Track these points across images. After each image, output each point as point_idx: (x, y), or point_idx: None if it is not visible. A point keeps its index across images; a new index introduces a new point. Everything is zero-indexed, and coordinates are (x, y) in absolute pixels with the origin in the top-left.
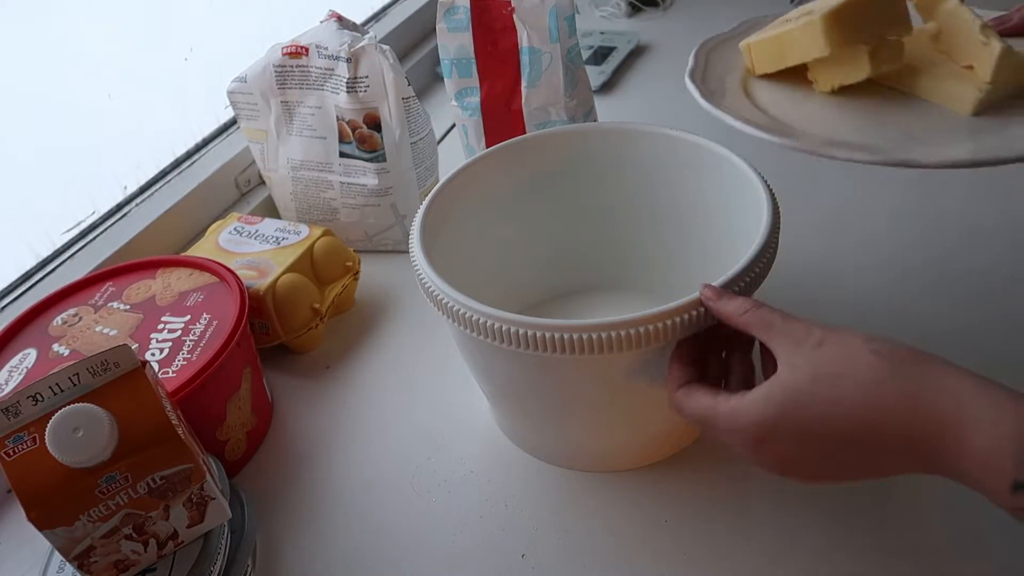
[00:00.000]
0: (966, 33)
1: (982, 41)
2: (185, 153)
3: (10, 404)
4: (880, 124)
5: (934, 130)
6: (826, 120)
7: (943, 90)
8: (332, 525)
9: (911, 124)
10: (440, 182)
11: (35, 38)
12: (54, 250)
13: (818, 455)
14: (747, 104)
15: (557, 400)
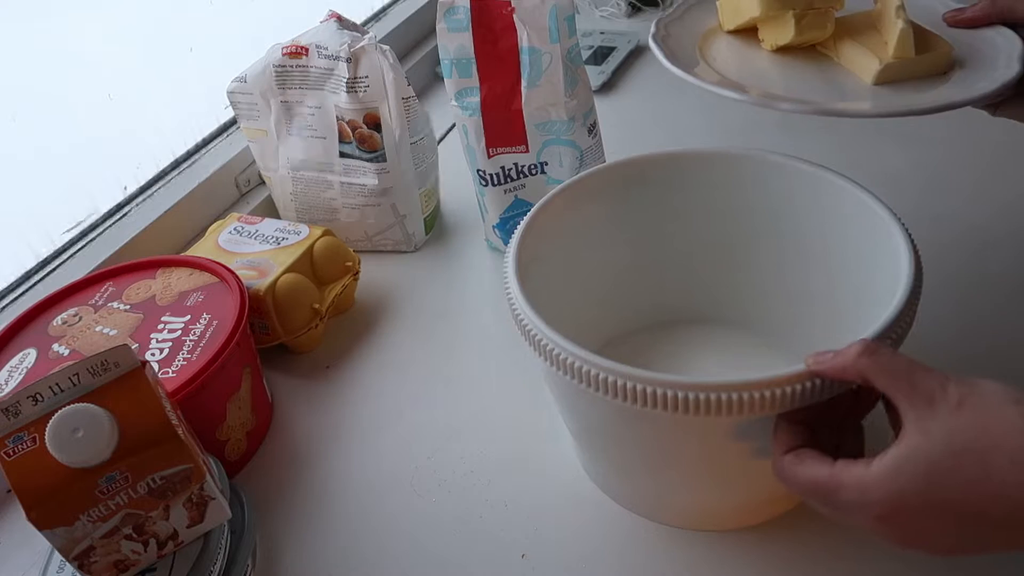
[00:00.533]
0: (888, 10)
1: (893, 19)
2: (185, 153)
3: (10, 404)
4: (796, 79)
5: (833, 90)
6: (761, 75)
7: (854, 58)
8: (332, 525)
9: (820, 81)
10: (540, 202)
11: (35, 38)
12: (54, 250)
13: (957, 531)
14: (698, 58)
15: (642, 449)
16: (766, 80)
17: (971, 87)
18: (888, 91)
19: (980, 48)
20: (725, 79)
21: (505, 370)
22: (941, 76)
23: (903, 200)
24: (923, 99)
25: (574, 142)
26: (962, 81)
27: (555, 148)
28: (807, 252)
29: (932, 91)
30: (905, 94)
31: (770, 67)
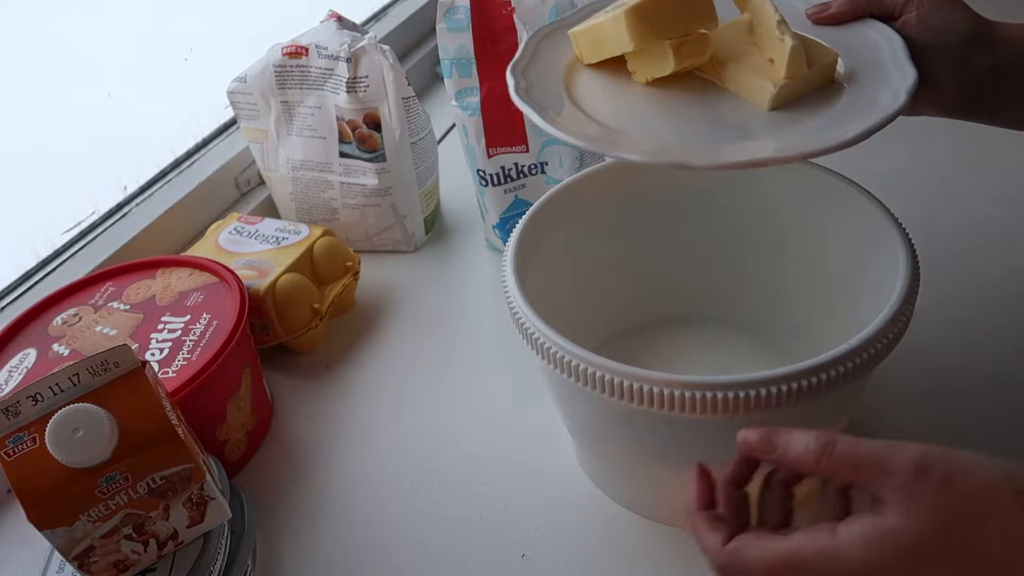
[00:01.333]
0: (768, 27)
1: (778, 37)
2: (185, 153)
3: (10, 404)
4: (686, 118)
5: (729, 126)
6: (643, 117)
7: (744, 83)
8: (332, 525)
9: (712, 118)
10: (539, 201)
11: (35, 38)
12: (54, 250)
13: None
14: (562, 98)
15: (640, 448)
16: (650, 123)
17: (875, 103)
18: (787, 117)
19: (856, 47)
20: (609, 132)
21: (505, 370)
22: (832, 88)
23: (901, 199)
24: (835, 130)
25: None
26: (860, 94)
27: (555, 148)
28: (804, 251)
29: (837, 113)
30: (806, 119)
31: (650, 105)
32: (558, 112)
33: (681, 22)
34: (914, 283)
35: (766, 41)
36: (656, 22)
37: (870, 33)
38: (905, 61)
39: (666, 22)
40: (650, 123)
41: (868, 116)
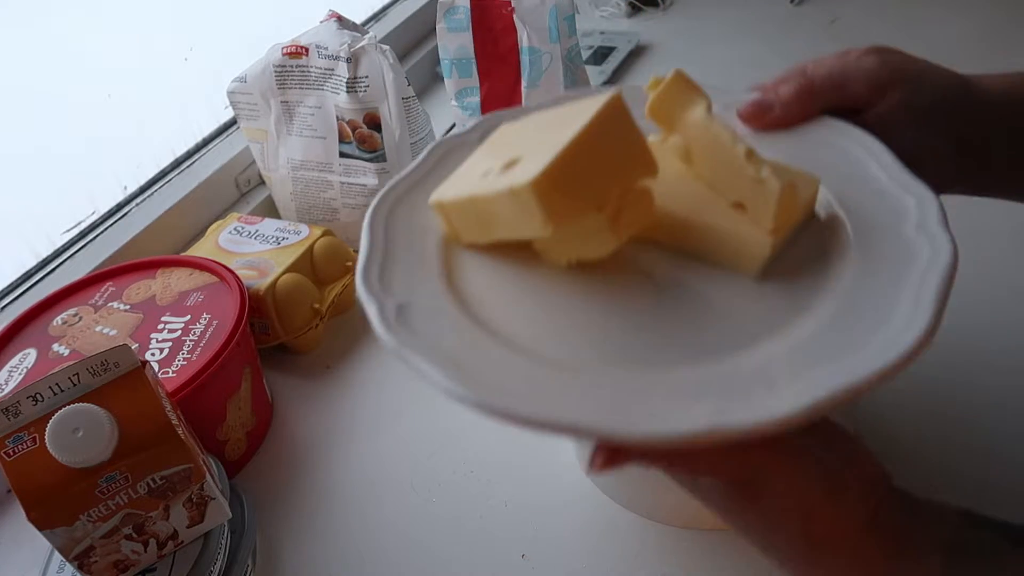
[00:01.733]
0: (727, 159)
1: (752, 176)
2: (185, 153)
3: (10, 404)
4: (632, 327)
5: (707, 326)
6: (548, 324)
7: (716, 245)
8: (332, 525)
9: (676, 318)
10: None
11: (35, 38)
12: (54, 250)
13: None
14: (454, 315)
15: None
16: (586, 341)
17: (905, 245)
18: (788, 293)
19: (824, 161)
20: (535, 381)
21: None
22: (816, 227)
23: None
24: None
25: None
26: (872, 233)
27: None
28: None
29: (868, 273)
30: (822, 294)
31: (586, 307)
32: (460, 353)
33: (613, 178)
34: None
35: (727, 177)
36: (578, 188)
37: (836, 140)
38: (907, 176)
39: (592, 183)
40: (586, 341)
41: (916, 269)
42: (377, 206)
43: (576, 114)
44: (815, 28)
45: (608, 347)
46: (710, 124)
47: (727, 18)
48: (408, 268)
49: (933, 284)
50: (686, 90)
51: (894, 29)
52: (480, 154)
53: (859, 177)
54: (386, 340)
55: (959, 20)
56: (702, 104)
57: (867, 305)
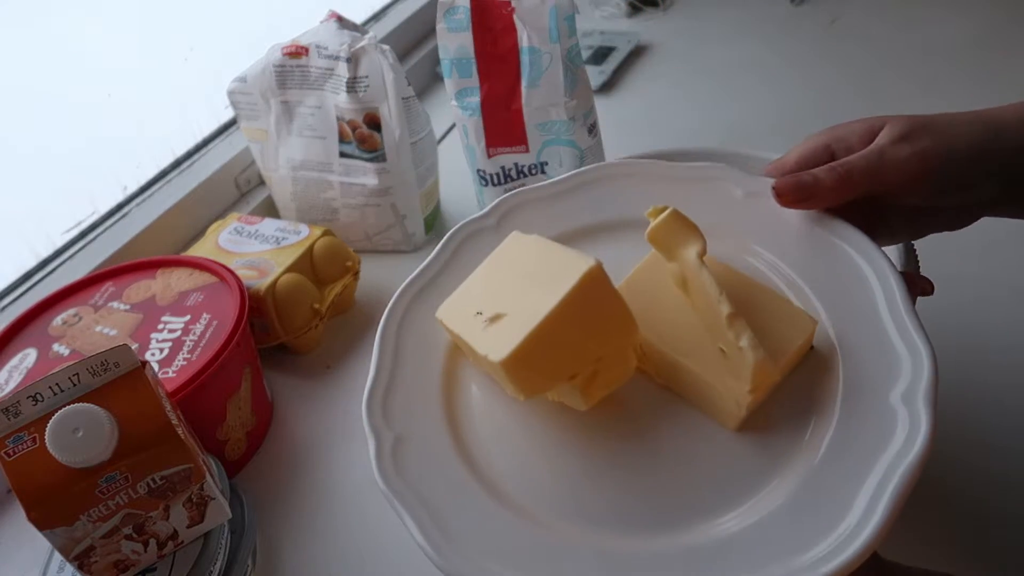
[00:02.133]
0: (712, 312)
1: (732, 340)
2: (185, 153)
3: (10, 404)
4: (610, 482)
5: (680, 488)
6: (533, 472)
7: (699, 392)
8: (332, 525)
9: (654, 475)
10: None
11: (35, 38)
12: (54, 250)
13: None
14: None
15: None
16: (575, 499)
17: (887, 418)
18: (753, 452)
19: (836, 276)
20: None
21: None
22: (812, 363)
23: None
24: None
25: (574, 142)
26: (860, 390)
27: (555, 148)
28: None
29: (841, 441)
30: (796, 455)
31: (570, 454)
32: (445, 508)
33: (587, 347)
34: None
35: (712, 325)
36: (549, 364)
37: (855, 265)
38: (912, 329)
39: (564, 357)
40: (566, 496)
41: (886, 455)
42: (392, 309)
43: (562, 272)
44: (815, 28)
45: (583, 504)
46: (700, 273)
47: (727, 18)
48: (412, 392)
49: (891, 486)
50: (682, 228)
51: (894, 29)
52: (482, 275)
53: (866, 314)
54: (380, 484)
55: (959, 20)
56: (695, 247)
57: (830, 489)
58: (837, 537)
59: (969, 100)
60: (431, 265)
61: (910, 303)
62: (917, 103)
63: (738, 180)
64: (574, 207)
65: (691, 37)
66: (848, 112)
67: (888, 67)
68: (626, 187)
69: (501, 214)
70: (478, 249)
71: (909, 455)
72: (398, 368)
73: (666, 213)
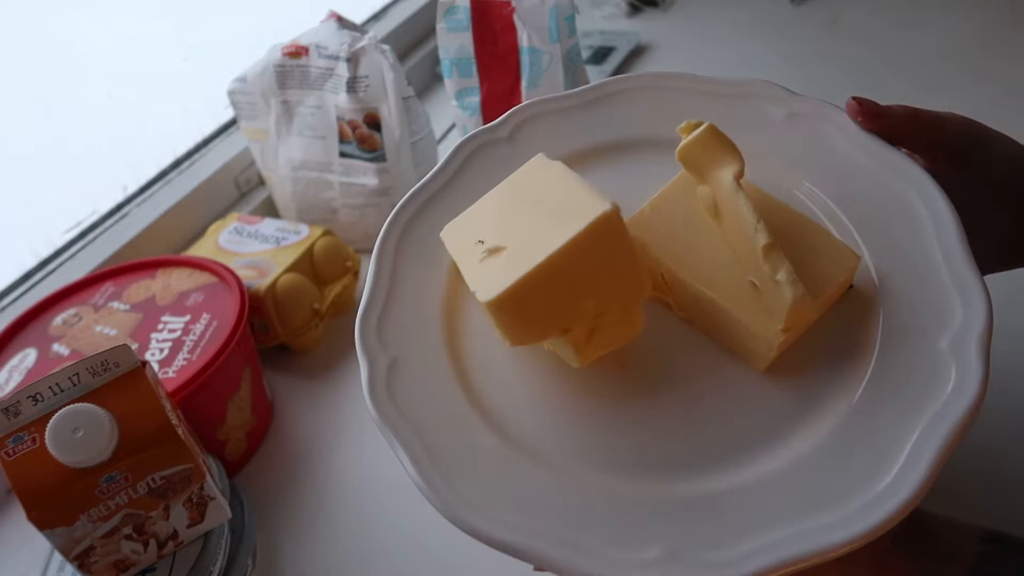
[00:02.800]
0: (747, 240)
1: (768, 273)
2: (185, 153)
3: (10, 404)
4: (623, 423)
5: (700, 430)
6: (539, 408)
7: (727, 329)
8: (332, 525)
9: (670, 415)
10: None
11: (35, 38)
12: (54, 250)
13: None
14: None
15: None
16: (584, 440)
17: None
18: (783, 397)
19: (886, 211)
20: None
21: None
22: (853, 301)
23: None
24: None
25: None
26: (905, 336)
27: None
28: None
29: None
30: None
31: (580, 392)
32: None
33: (587, 300)
34: None
35: (747, 256)
36: (542, 312)
37: (912, 200)
38: (968, 271)
39: (559, 307)
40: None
41: (930, 407)
42: (391, 224)
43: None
44: (815, 28)
45: (593, 447)
46: (736, 197)
47: (727, 18)
48: (410, 313)
49: (937, 438)
50: (718, 146)
51: (894, 29)
52: (495, 198)
53: (915, 251)
54: (371, 410)
55: (959, 21)
56: (732, 168)
57: (865, 440)
58: (873, 492)
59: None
60: (436, 178)
61: (966, 245)
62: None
63: (780, 99)
64: (595, 122)
65: (691, 37)
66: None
67: (888, 67)
68: (653, 101)
69: (514, 126)
70: (488, 163)
71: (958, 408)
72: (395, 287)
73: (702, 128)
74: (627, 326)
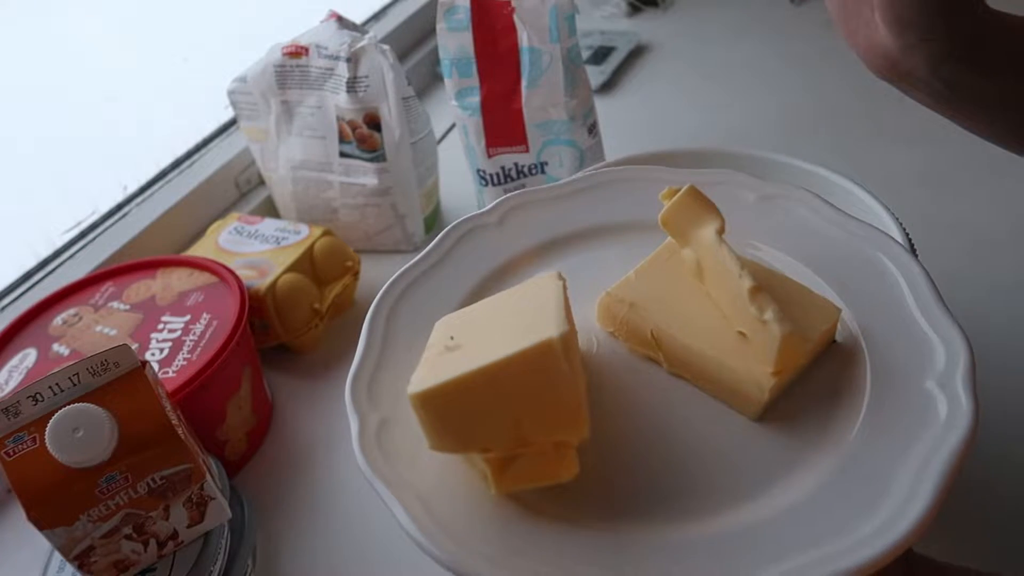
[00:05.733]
0: (733, 290)
1: (756, 315)
2: (185, 153)
3: (10, 404)
4: (618, 469)
5: (698, 476)
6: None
7: (717, 379)
8: (332, 525)
9: (668, 462)
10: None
11: (35, 38)
12: (54, 250)
13: None
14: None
15: None
16: (578, 489)
17: (926, 408)
18: (778, 440)
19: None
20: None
21: None
22: (835, 355)
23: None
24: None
25: (574, 142)
26: (891, 385)
27: (555, 148)
28: None
29: (878, 429)
30: (829, 447)
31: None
32: (430, 493)
33: (515, 428)
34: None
35: (731, 306)
36: (464, 422)
37: (876, 258)
38: (943, 316)
39: (484, 423)
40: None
41: (926, 438)
42: (383, 296)
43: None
44: (815, 28)
45: (588, 494)
46: (718, 249)
47: (727, 18)
48: (401, 377)
49: (939, 464)
50: (698, 207)
51: None
52: (492, 302)
53: (892, 306)
54: (362, 465)
55: None
56: (713, 225)
57: (864, 474)
58: (874, 525)
59: None
60: (427, 257)
61: (937, 294)
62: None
63: (750, 185)
64: (577, 209)
65: (691, 37)
66: (848, 112)
67: None
68: (632, 191)
69: (503, 213)
70: (477, 246)
71: (953, 437)
72: (386, 353)
73: (683, 190)
74: (557, 466)
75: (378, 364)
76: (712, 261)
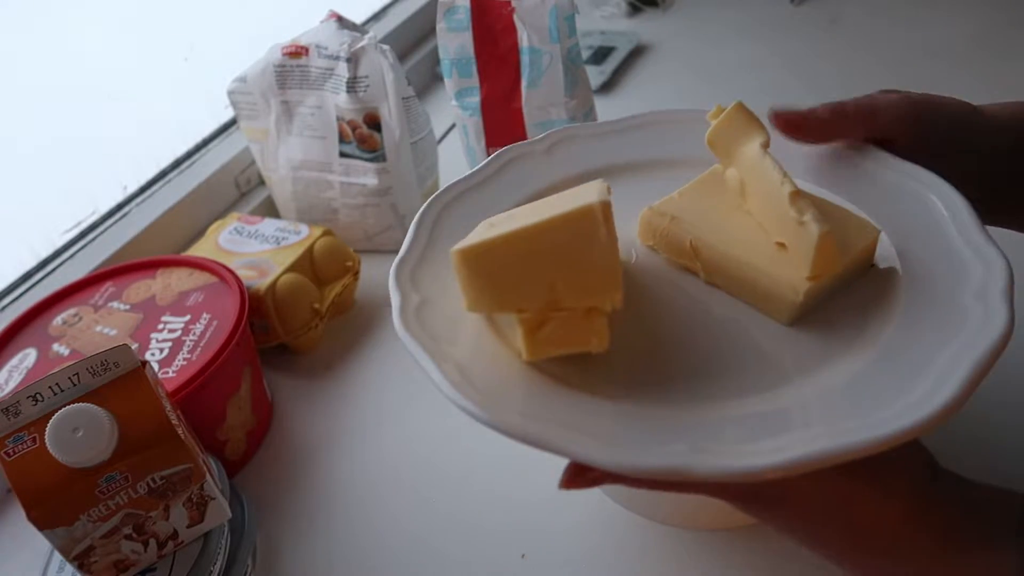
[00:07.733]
0: (774, 198)
1: (794, 217)
2: (185, 153)
3: (10, 404)
4: (647, 357)
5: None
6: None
7: (752, 284)
8: (332, 525)
9: (701, 354)
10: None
11: (35, 38)
12: (54, 250)
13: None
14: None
15: None
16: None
17: (960, 313)
18: (811, 338)
19: (896, 204)
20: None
21: None
22: (873, 277)
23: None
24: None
25: None
26: (926, 295)
27: None
28: None
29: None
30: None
31: (613, 333)
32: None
33: (550, 289)
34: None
35: (773, 216)
36: (501, 280)
37: (918, 190)
38: (983, 240)
39: (520, 281)
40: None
41: (962, 334)
42: (431, 203)
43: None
44: (815, 28)
45: (622, 376)
46: (762, 160)
47: (727, 18)
48: (442, 270)
49: (973, 353)
50: (745, 122)
51: (894, 29)
52: (532, 204)
53: (932, 232)
54: (401, 333)
55: (959, 21)
56: (758, 138)
57: (896, 366)
58: (908, 401)
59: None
60: (475, 175)
61: (979, 221)
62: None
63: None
64: (624, 144)
65: (691, 37)
66: None
67: (888, 67)
68: (679, 131)
69: (551, 143)
70: (524, 170)
71: (988, 336)
72: (430, 248)
73: (731, 106)
74: (588, 332)
75: (422, 256)
76: (755, 175)
